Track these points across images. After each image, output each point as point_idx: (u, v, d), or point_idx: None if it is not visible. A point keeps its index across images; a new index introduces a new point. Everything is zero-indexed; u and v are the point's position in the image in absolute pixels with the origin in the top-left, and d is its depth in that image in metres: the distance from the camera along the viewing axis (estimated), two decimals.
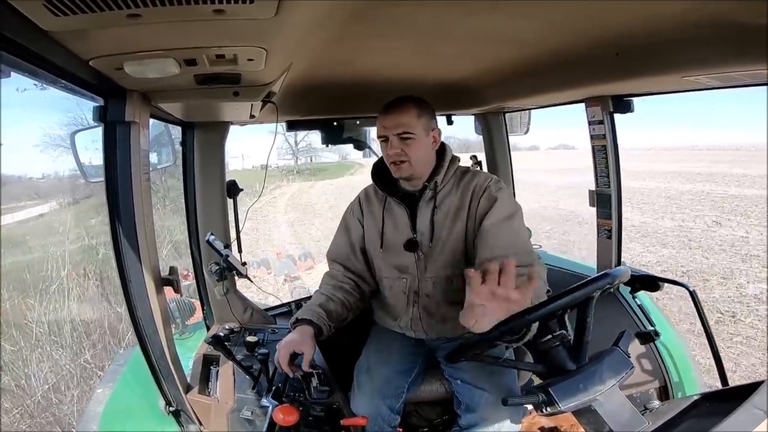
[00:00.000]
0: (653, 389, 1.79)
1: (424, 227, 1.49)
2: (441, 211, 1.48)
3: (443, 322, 1.52)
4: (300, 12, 0.77)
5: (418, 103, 1.46)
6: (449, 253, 1.47)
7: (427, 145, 1.47)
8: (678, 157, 24.15)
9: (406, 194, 1.53)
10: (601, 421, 0.92)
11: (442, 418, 1.63)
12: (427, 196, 1.49)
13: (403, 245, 1.51)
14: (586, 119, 1.89)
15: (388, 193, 1.55)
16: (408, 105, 1.44)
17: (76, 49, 0.83)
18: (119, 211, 1.20)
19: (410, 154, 1.44)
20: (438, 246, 1.48)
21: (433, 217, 1.48)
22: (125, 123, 1.16)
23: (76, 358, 4.41)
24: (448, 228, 1.47)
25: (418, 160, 1.45)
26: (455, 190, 1.50)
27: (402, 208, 1.52)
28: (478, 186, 1.46)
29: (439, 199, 1.49)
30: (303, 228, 12.78)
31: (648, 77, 1.39)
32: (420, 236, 1.50)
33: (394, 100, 1.47)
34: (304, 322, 1.44)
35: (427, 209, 1.49)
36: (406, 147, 1.43)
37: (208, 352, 1.70)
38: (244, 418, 1.41)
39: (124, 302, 1.28)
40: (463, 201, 1.47)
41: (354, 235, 1.63)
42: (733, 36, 1.05)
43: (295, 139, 33.75)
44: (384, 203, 1.57)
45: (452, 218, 1.47)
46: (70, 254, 5.60)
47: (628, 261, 2.03)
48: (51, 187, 9.09)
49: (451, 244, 1.47)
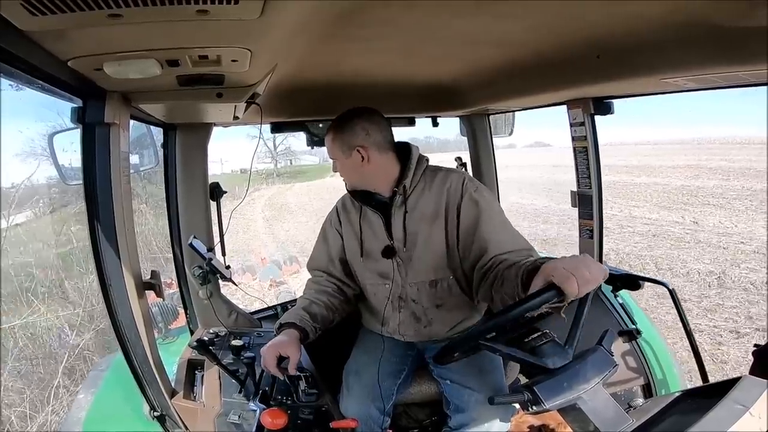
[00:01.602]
0: (637, 387, 1.82)
1: (399, 233, 1.49)
2: (414, 215, 1.48)
3: (431, 326, 1.53)
4: (285, 13, 0.77)
5: (337, 125, 1.49)
6: (430, 257, 1.47)
7: (352, 164, 1.48)
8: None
9: (379, 202, 1.53)
10: (586, 419, 0.93)
11: (431, 419, 1.63)
12: (398, 201, 1.49)
13: (381, 252, 1.51)
14: (568, 121, 1.92)
15: (362, 202, 1.55)
16: (330, 129, 1.50)
17: (55, 49, 0.81)
18: (98, 214, 1.17)
19: (342, 174, 1.52)
20: (416, 250, 1.48)
21: (405, 222, 1.48)
22: (104, 124, 1.13)
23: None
24: (425, 232, 1.47)
25: (351, 177, 1.52)
26: (427, 190, 1.49)
27: (377, 215, 1.52)
28: (452, 187, 1.46)
29: (411, 203, 1.49)
30: (277, 223, 14.88)
31: (628, 79, 1.41)
32: (397, 242, 1.50)
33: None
34: (288, 326, 1.42)
35: (400, 214, 1.49)
36: (339, 167, 1.52)
37: (192, 357, 1.67)
38: (232, 422, 1.39)
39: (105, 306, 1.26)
40: (439, 203, 1.46)
41: (332, 245, 1.63)
42: (709, 39, 1.07)
43: (274, 143, 34.07)
44: (360, 211, 1.57)
45: (428, 221, 1.47)
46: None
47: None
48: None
49: (431, 248, 1.46)
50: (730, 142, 25.67)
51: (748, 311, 4.90)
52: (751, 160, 15.76)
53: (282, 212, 17.22)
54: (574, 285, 0.94)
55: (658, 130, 56.16)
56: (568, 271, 0.95)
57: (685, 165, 16.97)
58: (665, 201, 11.78)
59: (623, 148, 27.41)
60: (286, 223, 14.84)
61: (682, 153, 20.78)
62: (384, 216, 1.51)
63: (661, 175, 15.66)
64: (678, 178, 14.65)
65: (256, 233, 13.17)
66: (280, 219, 15.61)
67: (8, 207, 5.74)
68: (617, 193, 12.74)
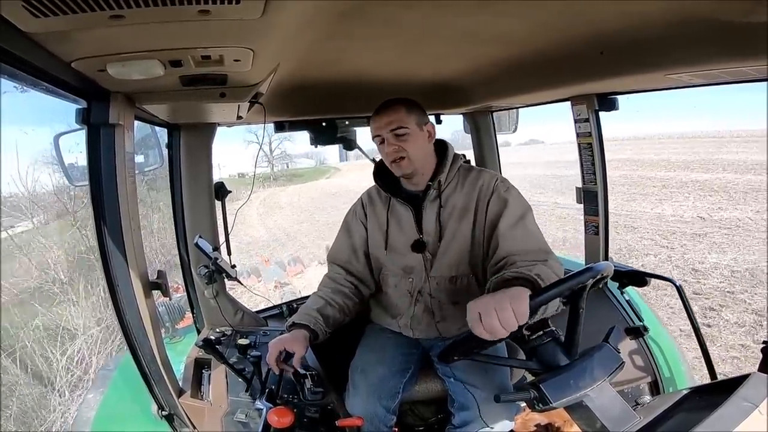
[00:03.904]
0: (644, 384, 1.81)
1: (431, 227, 1.49)
2: (446, 210, 1.48)
3: (443, 321, 1.52)
4: (287, 12, 0.77)
5: (406, 101, 1.46)
6: (455, 253, 1.47)
7: (423, 139, 1.47)
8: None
9: (410, 195, 1.53)
10: (593, 417, 0.93)
11: (437, 416, 1.63)
12: (432, 195, 1.49)
13: (411, 246, 1.50)
14: (572, 117, 1.90)
15: (391, 194, 1.54)
16: (397, 103, 1.45)
17: (58, 51, 0.82)
18: (105, 214, 1.17)
19: (407, 149, 1.44)
20: (443, 245, 1.48)
21: (439, 217, 1.48)
22: (109, 125, 1.13)
23: None
24: (454, 227, 1.47)
25: (416, 155, 1.45)
26: (460, 188, 1.49)
27: (407, 208, 1.51)
28: (484, 185, 1.46)
29: (444, 197, 1.49)
30: (268, 217, 18.05)
31: (632, 75, 1.40)
32: (427, 236, 1.49)
33: (384, 102, 1.47)
34: (300, 326, 1.42)
35: (433, 209, 1.49)
36: (403, 143, 1.43)
37: (199, 356, 1.68)
38: (239, 420, 1.40)
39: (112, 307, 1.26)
40: (469, 200, 1.46)
41: (356, 238, 1.62)
42: (714, 34, 1.06)
43: (270, 147, 34.86)
44: (388, 204, 1.56)
45: (458, 217, 1.47)
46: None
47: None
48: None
49: (457, 244, 1.46)
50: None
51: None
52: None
53: (273, 209, 20.43)
54: (480, 330, 0.96)
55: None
56: (479, 315, 0.96)
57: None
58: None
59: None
60: (275, 216, 18.29)
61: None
62: (414, 210, 1.50)
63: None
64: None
65: (252, 224, 15.91)
66: (271, 214, 18.88)
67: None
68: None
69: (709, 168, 14.05)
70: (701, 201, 10.22)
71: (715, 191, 10.90)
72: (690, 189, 11.61)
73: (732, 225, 8.00)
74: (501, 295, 0.99)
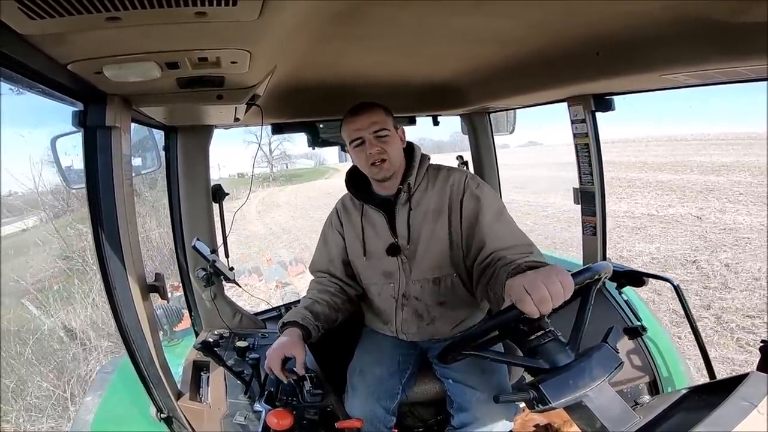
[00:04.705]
0: (643, 384, 1.81)
1: (404, 230, 1.49)
2: (418, 212, 1.48)
3: (433, 324, 1.52)
4: (284, 13, 0.76)
5: (378, 106, 1.47)
6: (433, 254, 1.47)
7: (399, 142, 1.48)
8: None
9: (382, 200, 1.53)
10: (593, 417, 0.93)
11: (436, 418, 1.63)
12: (403, 198, 1.49)
13: (386, 250, 1.51)
14: (569, 118, 1.91)
15: (364, 201, 1.54)
16: (375, 106, 1.46)
17: (54, 53, 0.81)
18: (102, 217, 1.17)
19: (389, 152, 1.43)
20: (420, 247, 1.48)
21: (409, 219, 1.48)
22: (106, 128, 1.13)
23: None
24: (429, 229, 1.47)
25: (395, 157, 1.46)
26: (431, 188, 1.49)
27: (379, 213, 1.51)
28: (455, 185, 1.47)
29: (415, 200, 1.49)
30: (267, 215, 18.87)
31: (628, 76, 1.41)
32: (401, 240, 1.49)
33: (359, 104, 1.47)
34: (290, 325, 1.43)
35: (404, 211, 1.49)
36: (385, 145, 1.43)
37: (198, 358, 1.67)
38: (238, 423, 1.40)
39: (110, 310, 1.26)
40: (442, 200, 1.46)
41: (333, 248, 1.62)
42: (710, 34, 1.06)
43: (269, 147, 35.03)
44: (361, 211, 1.56)
45: (432, 219, 1.47)
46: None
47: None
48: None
49: (435, 246, 1.46)
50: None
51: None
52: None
53: (271, 207, 21.66)
54: (530, 305, 0.94)
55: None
56: (525, 290, 0.95)
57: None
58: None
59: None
60: (272, 213, 19.41)
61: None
62: (387, 214, 1.50)
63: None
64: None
65: (251, 221, 16.72)
66: (269, 212, 19.93)
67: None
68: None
69: (678, 170, 14.34)
70: (656, 200, 10.62)
71: (673, 191, 11.29)
72: (651, 189, 11.95)
73: (672, 220, 8.57)
74: (544, 271, 0.99)
